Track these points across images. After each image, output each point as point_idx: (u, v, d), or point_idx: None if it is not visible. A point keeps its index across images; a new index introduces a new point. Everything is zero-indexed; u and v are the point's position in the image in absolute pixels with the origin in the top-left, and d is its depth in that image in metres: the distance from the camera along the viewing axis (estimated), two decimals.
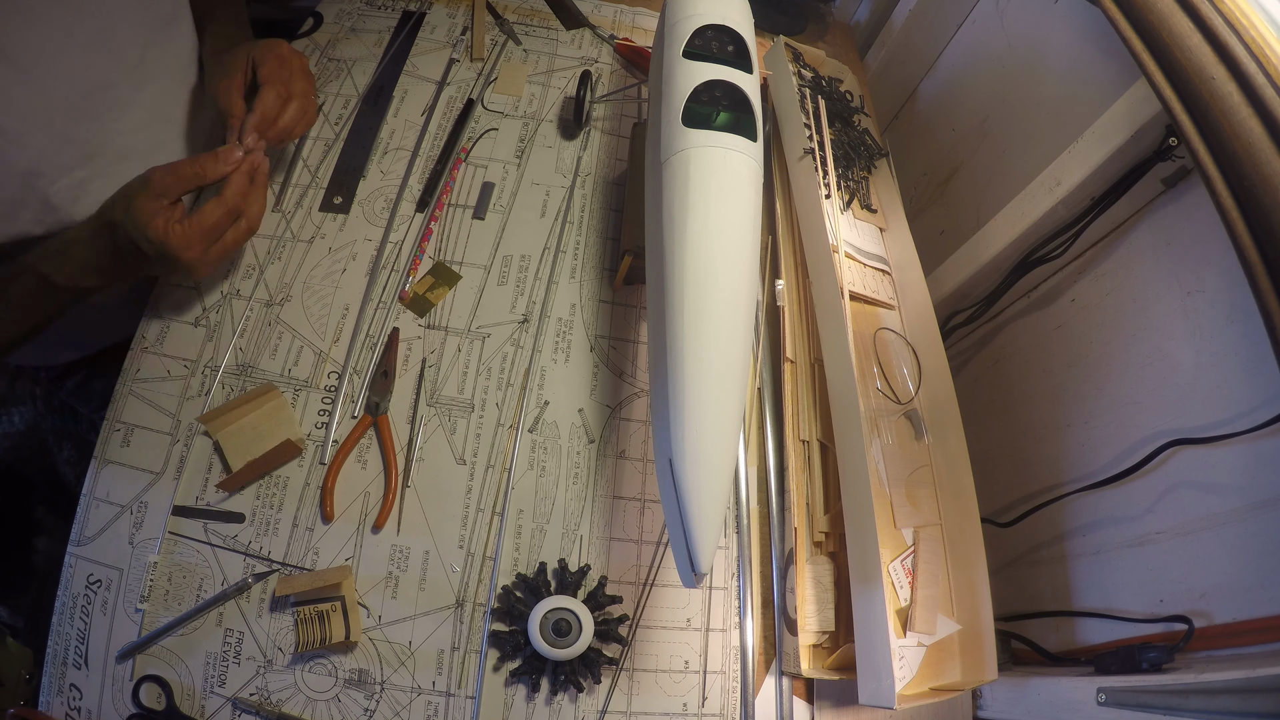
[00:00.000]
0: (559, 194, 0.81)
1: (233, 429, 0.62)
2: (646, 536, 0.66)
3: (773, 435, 0.70)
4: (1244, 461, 0.57)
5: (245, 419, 0.62)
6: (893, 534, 0.65)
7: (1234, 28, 0.52)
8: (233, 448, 0.61)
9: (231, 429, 0.62)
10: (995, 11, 0.94)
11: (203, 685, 0.56)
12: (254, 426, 0.62)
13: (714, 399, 0.47)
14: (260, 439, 0.61)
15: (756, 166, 0.56)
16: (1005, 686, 0.65)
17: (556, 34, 0.95)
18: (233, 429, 0.62)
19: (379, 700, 0.57)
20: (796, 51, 0.91)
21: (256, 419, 0.62)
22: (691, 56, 0.61)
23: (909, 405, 0.71)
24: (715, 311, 0.50)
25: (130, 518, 0.60)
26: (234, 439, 0.61)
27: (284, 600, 0.58)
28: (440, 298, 0.72)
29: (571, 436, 0.69)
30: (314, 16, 0.90)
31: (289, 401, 0.65)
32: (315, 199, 0.76)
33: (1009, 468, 0.83)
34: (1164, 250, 0.67)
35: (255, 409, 0.63)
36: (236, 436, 0.61)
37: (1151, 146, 0.64)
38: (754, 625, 0.64)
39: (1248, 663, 0.50)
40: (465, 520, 0.64)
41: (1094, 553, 0.71)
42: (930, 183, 1.07)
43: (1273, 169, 0.47)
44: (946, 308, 0.92)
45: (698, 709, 0.62)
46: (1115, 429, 0.70)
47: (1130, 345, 0.69)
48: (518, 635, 0.59)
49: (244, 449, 0.61)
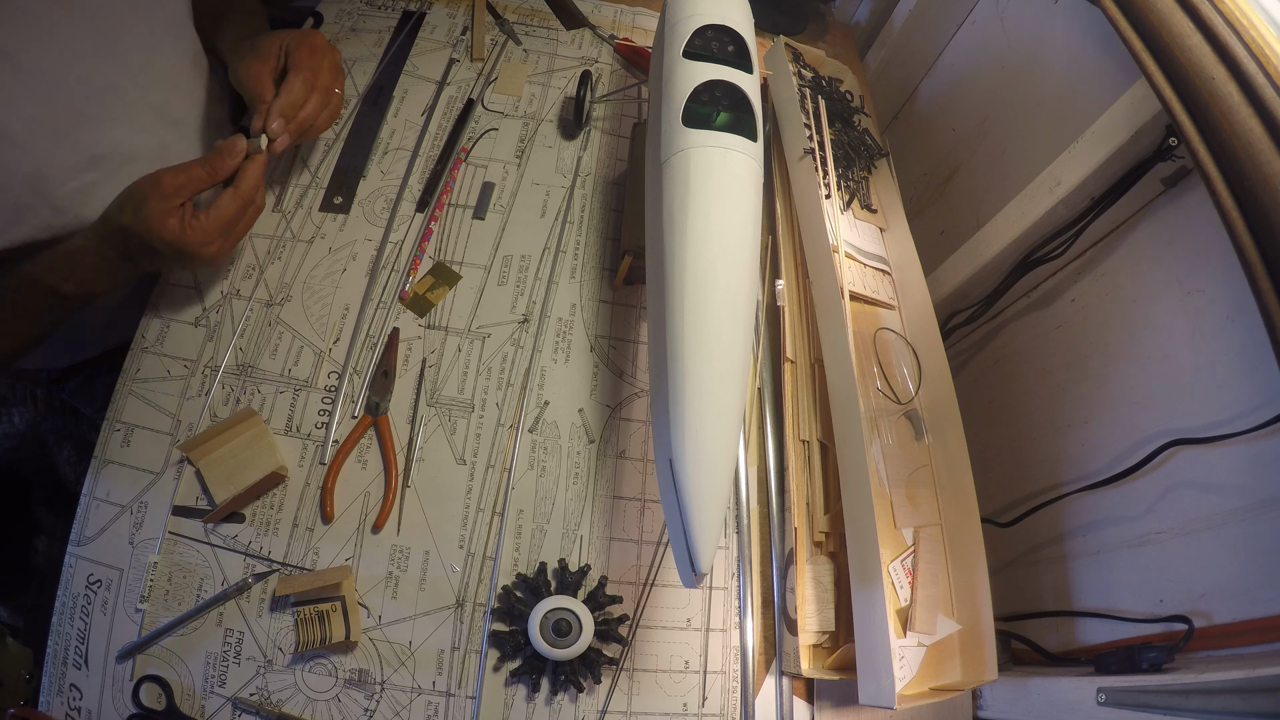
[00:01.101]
0: (559, 194, 0.81)
1: (213, 458, 0.61)
2: (646, 536, 0.66)
3: (773, 435, 0.70)
4: (1244, 461, 0.57)
5: (226, 447, 0.61)
6: (893, 534, 0.65)
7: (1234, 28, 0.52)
8: (215, 477, 0.60)
9: (212, 458, 0.61)
10: (995, 11, 0.94)
11: (203, 685, 0.56)
12: (234, 455, 0.61)
13: (714, 399, 0.47)
14: (242, 467, 0.60)
15: (756, 166, 0.56)
16: (1005, 686, 0.65)
17: (556, 34, 0.95)
18: (213, 458, 0.61)
19: (379, 700, 0.57)
20: (796, 51, 0.91)
21: (237, 447, 0.61)
22: (691, 56, 0.61)
23: (909, 405, 0.71)
24: (715, 311, 0.50)
25: (130, 518, 0.60)
26: (215, 468, 0.60)
27: (284, 600, 0.58)
28: (440, 298, 0.72)
29: (571, 436, 0.69)
30: (314, 16, 0.90)
31: (269, 429, 0.64)
32: (315, 199, 0.76)
33: (1009, 468, 0.83)
34: (1164, 250, 0.67)
35: (235, 436, 0.62)
36: (218, 465, 0.61)
37: (1151, 146, 0.64)
38: (754, 625, 0.64)
39: (1248, 663, 0.50)
40: (465, 520, 0.64)
41: (1094, 553, 0.71)
42: (930, 183, 1.07)
43: (1273, 169, 0.47)
44: (946, 308, 0.92)
45: (698, 709, 0.62)
46: (1115, 429, 0.70)
47: (1130, 345, 0.69)
48: (518, 635, 0.59)
49: (226, 478, 0.60)
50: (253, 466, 0.61)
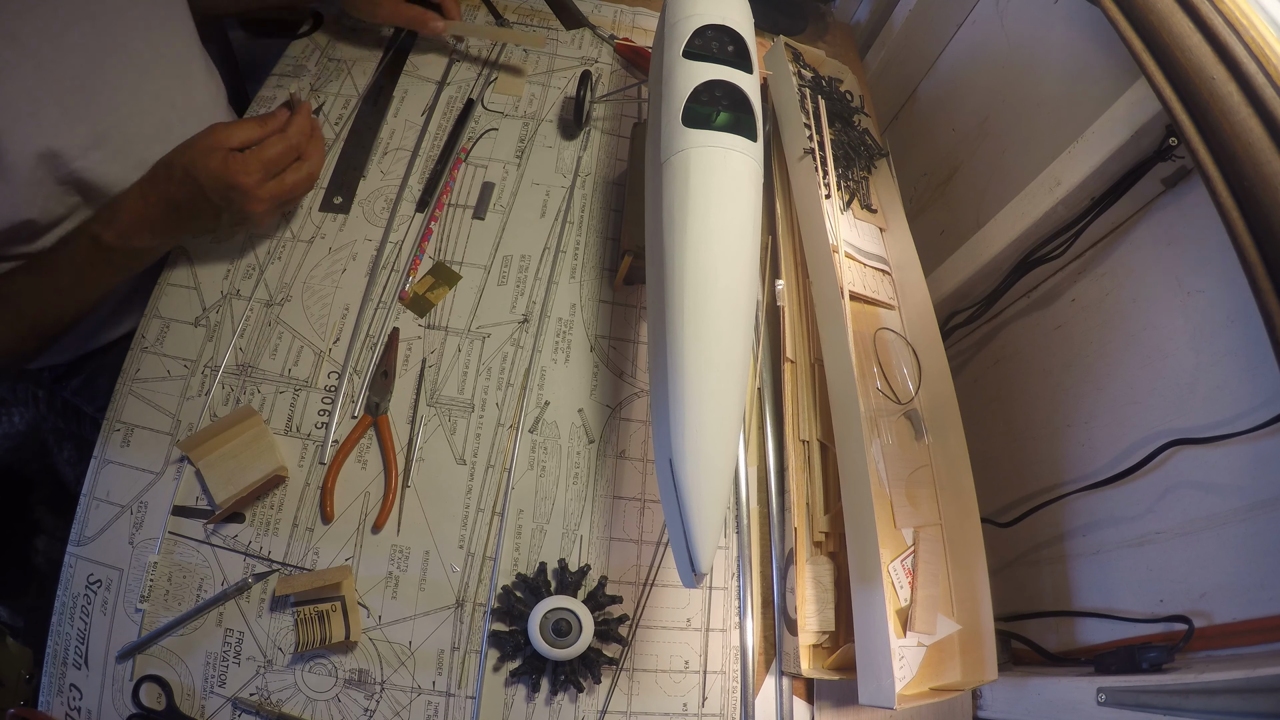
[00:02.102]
0: (559, 194, 0.81)
1: (213, 458, 0.61)
2: (646, 536, 0.66)
3: (773, 435, 0.70)
4: (1244, 461, 0.57)
5: (226, 447, 0.61)
6: (893, 534, 0.65)
7: (1234, 28, 0.52)
8: (215, 477, 0.60)
9: (212, 458, 0.61)
10: (995, 11, 0.94)
11: (203, 685, 0.56)
12: (234, 455, 0.61)
13: (714, 399, 0.47)
14: (242, 468, 0.60)
15: (756, 166, 0.56)
16: (1005, 686, 0.65)
17: (556, 34, 0.95)
18: (213, 458, 0.61)
19: (379, 700, 0.57)
20: (796, 51, 0.91)
21: (237, 447, 0.61)
22: (691, 56, 0.61)
23: (909, 405, 0.71)
24: (715, 311, 0.50)
25: (130, 518, 0.60)
26: (216, 468, 0.60)
27: (284, 600, 0.58)
28: (440, 298, 0.72)
29: (571, 436, 0.69)
30: (314, 16, 0.90)
31: (269, 428, 0.64)
32: (315, 199, 0.76)
33: (1009, 468, 0.83)
34: (1164, 250, 0.67)
35: (235, 436, 0.62)
36: (218, 466, 0.61)
37: (1151, 146, 0.64)
38: (754, 625, 0.64)
39: (1248, 663, 0.50)
40: (465, 520, 0.64)
41: (1094, 553, 0.71)
42: (930, 183, 1.07)
43: (1273, 169, 0.47)
44: (946, 308, 0.92)
45: (698, 709, 0.62)
46: (1115, 429, 0.70)
47: (1130, 345, 0.69)
48: (518, 635, 0.59)
49: (227, 478, 0.60)
50: (253, 468, 0.61)
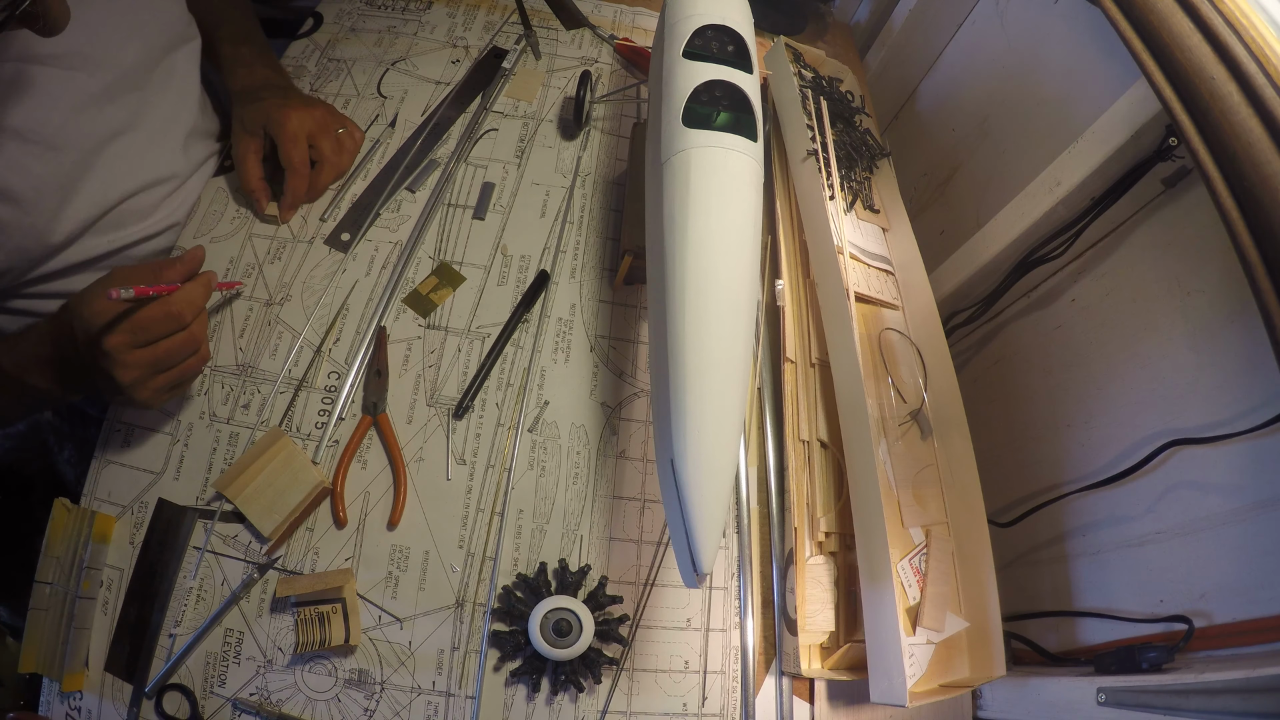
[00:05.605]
0: (559, 194, 0.81)
1: (250, 491, 0.60)
2: (647, 536, 0.66)
3: (773, 435, 0.70)
4: (1244, 461, 0.57)
5: (260, 477, 0.60)
6: (900, 533, 0.65)
7: (1234, 28, 0.52)
8: (255, 511, 0.59)
9: (249, 491, 0.60)
10: (995, 12, 0.94)
11: (203, 685, 0.56)
12: (270, 483, 0.60)
13: (715, 399, 0.47)
14: (281, 495, 0.60)
15: (757, 166, 0.56)
16: (1005, 686, 0.65)
17: (556, 34, 0.95)
18: (250, 491, 0.60)
19: (379, 700, 0.57)
20: (796, 51, 0.91)
21: (271, 474, 0.60)
22: (691, 56, 0.61)
23: (915, 405, 0.71)
24: (716, 311, 0.50)
25: (130, 518, 0.60)
26: (254, 501, 0.60)
27: (284, 601, 0.58)
28: (444, 299, 0.72)
29: (571, 436, 0.69)
30: (314, 16, 0.90)
31: (299, 445, 0.63)
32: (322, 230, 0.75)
33: (1009, 468, 0.83)
34: (1164, 250, 0.67)
35: (268, 462, 0.61)
36: (256, 499, 0.60)
37: (1151, 146, 0.64)
38: (754, 625, 0.64)
39: (1248, 663, 0.50)
40: (465, 520, 0.64)
41: (1094, 553, 0.71)
42: (930, 183, 1.07)
43: (1273, 169, 0.47)
44: (947, 308, 0.92)
45: (698, 709, 0.62)
46: (1115, 429, 0.70)
47: (1130, 345, 0.69)
48: (518, 635, 0.59)
49: (268, 508, 0.59)
50: (293, 490, 0.60)
